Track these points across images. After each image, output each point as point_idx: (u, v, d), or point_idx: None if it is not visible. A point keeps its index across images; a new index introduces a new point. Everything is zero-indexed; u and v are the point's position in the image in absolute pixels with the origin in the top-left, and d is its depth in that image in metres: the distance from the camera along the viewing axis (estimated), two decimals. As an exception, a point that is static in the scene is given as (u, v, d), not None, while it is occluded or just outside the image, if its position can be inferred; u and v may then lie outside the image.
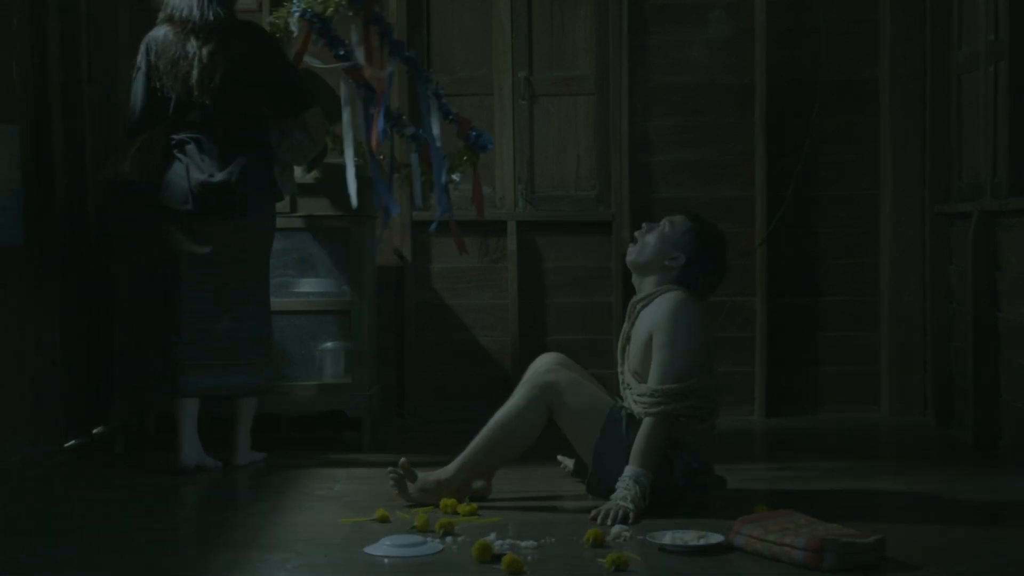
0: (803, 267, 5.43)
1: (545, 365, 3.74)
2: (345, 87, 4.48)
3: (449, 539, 3.25)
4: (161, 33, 4.27)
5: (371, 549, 3.16)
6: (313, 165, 4.59)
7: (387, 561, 3.09)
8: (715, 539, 3.14)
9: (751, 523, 3.14)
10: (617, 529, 3.29)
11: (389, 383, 5.38)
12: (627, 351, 3.72)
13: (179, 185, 4.23)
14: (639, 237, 3.78)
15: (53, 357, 4.55)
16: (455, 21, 5.42)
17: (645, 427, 3.51)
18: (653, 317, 3.61)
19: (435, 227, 4.67)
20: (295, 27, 4.54)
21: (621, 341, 3.77)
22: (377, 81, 4.47)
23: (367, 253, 4.77)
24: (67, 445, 4.72)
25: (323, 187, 4.65)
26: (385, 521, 3.47)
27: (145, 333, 4.59)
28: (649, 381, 3.56)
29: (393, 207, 4.53)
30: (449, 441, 3.85)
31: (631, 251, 3.79)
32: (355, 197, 4.45)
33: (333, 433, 4.97)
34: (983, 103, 4.71)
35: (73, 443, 4.79)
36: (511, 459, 3.76)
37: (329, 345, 4.73)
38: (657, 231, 3.76)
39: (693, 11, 5.42)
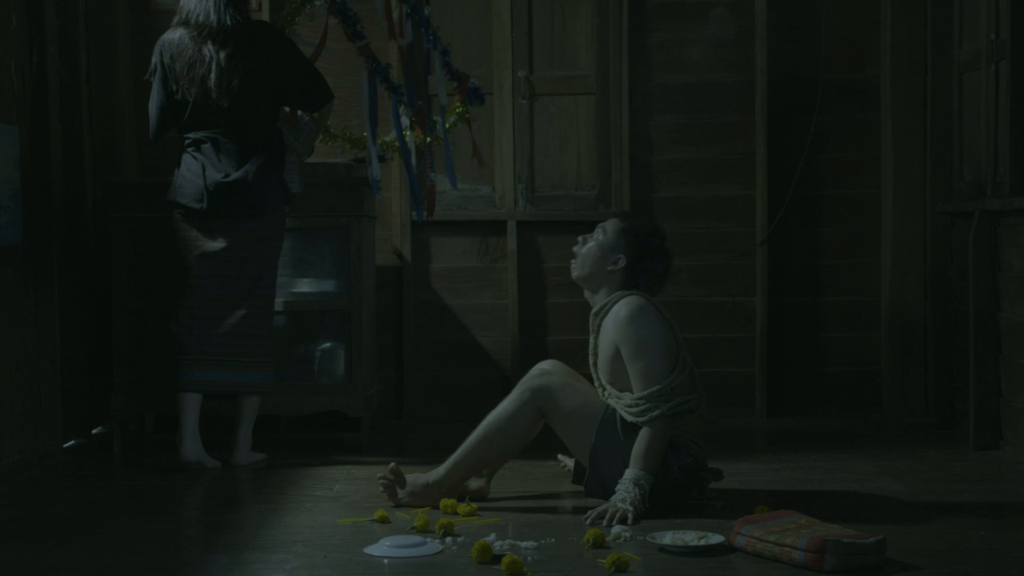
0: (804, 267, 5.42)
1: (538, 369, 3.74)
2: (363, 71, 4.48)
3: (449, 540, 3.24)
4: (176, 36, 4.28)
5: (371, 550, 3.16)
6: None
7: (387, 562, 3.09)
8: (716, 540, 3.14)
9: (752, 524, 3.14)
10: (617, 530, 3.29)
11: (388, 383, 5.37)
12: (597, 366, 3.73)
13: (194, 183, 4.27)
14: (577, 252, 3.77)
15: (53, 357, 4.55)
16: (455, 19, 5.41)
17: (644, 433, 3.52)
18: (614, 331, 3.61)
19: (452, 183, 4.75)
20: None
21: (591, 356, 3.77)
22: (400, 51, 4.52)
23: (366, 253, 4.77)
24: (66, 445, 4.71)
25: (323, 187, 4.64)
26: (385, 522, 3.47)
27: (145, 333, 4.60)
28: (633, 392, 3.57)
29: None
30: (448, 441, 3.85)
31: (573, 267, 3.78)
32: (377, 169, 4.46)
33: (332, 434, 4.97)
34: (984, 102, 4.70)
35: (72, 443, 4.79)
36: (502, 462, 3.78)
37: (328, 345, 4.72)
38: (593, 240, 3.74)
39: (694, 9, 5.41)
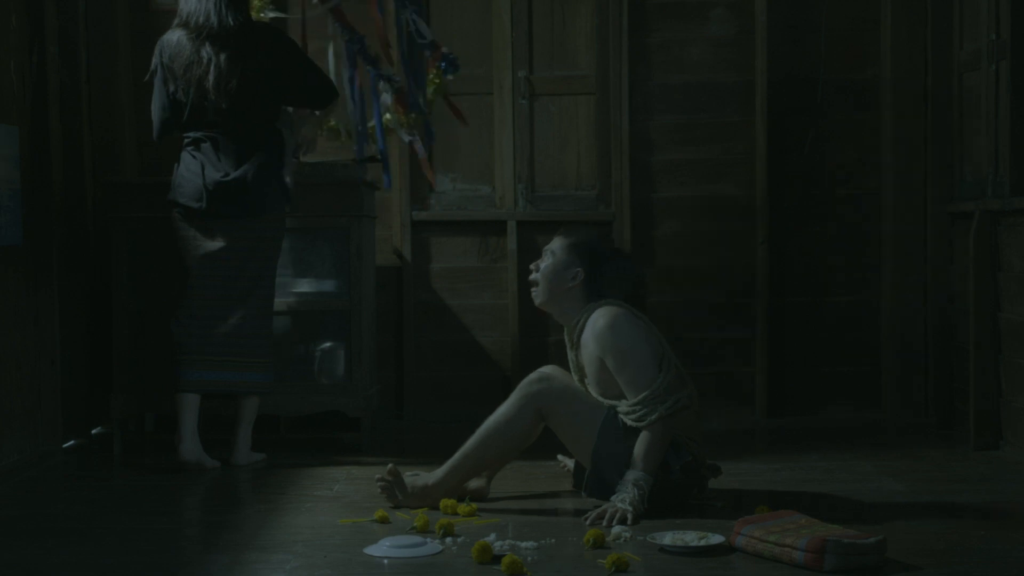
0: (804, 266, 5.41)
1: (538, 374, 3.73)
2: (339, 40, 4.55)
3: (449, 540, 3.24)
4: (175, 37, 4.29)
5: (371, 550, 3.15)
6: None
7: (387, 562, 3.09)
8: (716, 540, 3.14)
9: (752, 524, 3.14)
10: (618, 530, 3.29)
11: (388, 383, 5.36)
12: (585, 382, 3.72)
13: (193, 182, 4.27)
14: (533, 281, 3.75)
15: (53, 357, 4.55)
16: (455, 19, 5.41)
17: (645, 435, 3.51)
18: (594, 344, 3.60)
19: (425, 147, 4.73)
20: None
21: (575, 372, 3.75)
22: (377, 25, 4.54)
23: (366, 253, 4.76)
24: (66, 445, 4.71)
25: (323, 187, 4.64)
26: (385, 522, 3.46)
27: (145, 333, 4.59)
28: (628, 399, 3.56)
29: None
30: (448, 441, 3.84)
31: (534, 296, 3.76)
32: (382, 140, 4.51)
33: (332, 434, 4.96)
34: (985, 102, 4.70)
35: (72, 443, 4.79)
36: (500, 466, 3.78)
37: (328, 345, 4.72)
38: (544, 266, 3.72)
39: (694, 9, 5.41)
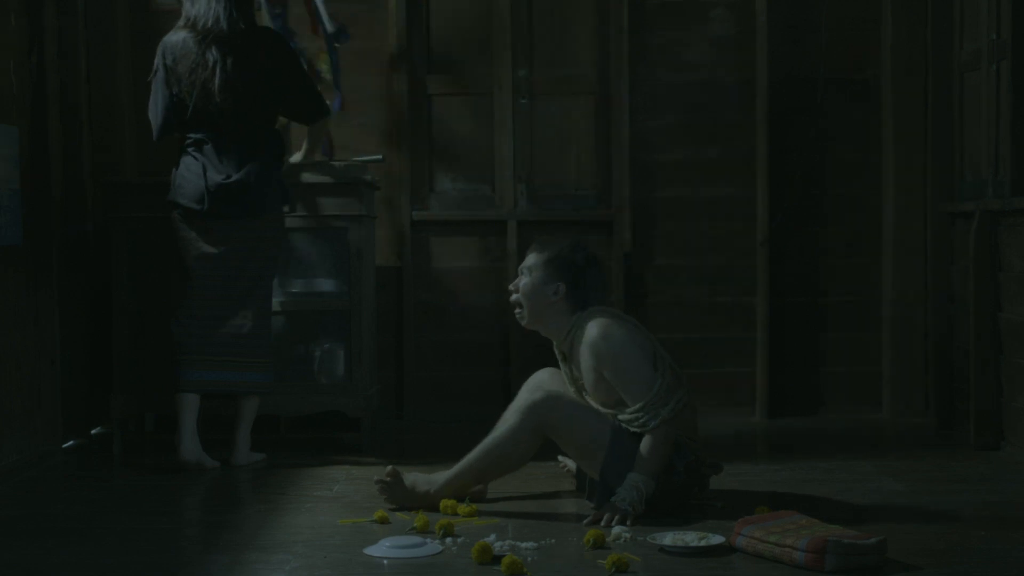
0: (805, 267, 5.41)
1: (535, 382, 3.71)
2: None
3: (449, 540, 3.24)
4: (179, 38, 4.28)
5: (370, 550, 3.15)
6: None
7: (387, 562, 3.08)
8: (716, 540, 3.14)
9: (752, 524, 3.14)
10: (618, 530, 3.29)
11: (388, 384, 5.36)
12: (584, 396, 3.70)
13: (194, 184, 4.26)
14: (516, 302, 3.72)
15: (53, 357, 4.54)
16: (455, 19, 5.40)
17: (649, 439, 3.50)
18: (590, 355, 3.58)
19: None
20: None
21: (571, 384, 3.73)
22: None
23: (366, 253, 4.76)
24: (66, 445, 4.71)
25: (323, 187, 4.64)
26: (384, 522, 3.46)
27: (144, 333, 4.59)
28: (629, 405, 3.54)
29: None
30: (448, 441, 3.85)
31: (520, 318, 3.74)
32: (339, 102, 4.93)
33: (332, 434, 4.96)
34: (985, 102, 4.70)
35: (72, 443, 4.78)
36: (500, 477, 3.74)
37: (328, 345, 4.71)
38: (523, 286, 3.70)
39: (694, 9, 5.40)
